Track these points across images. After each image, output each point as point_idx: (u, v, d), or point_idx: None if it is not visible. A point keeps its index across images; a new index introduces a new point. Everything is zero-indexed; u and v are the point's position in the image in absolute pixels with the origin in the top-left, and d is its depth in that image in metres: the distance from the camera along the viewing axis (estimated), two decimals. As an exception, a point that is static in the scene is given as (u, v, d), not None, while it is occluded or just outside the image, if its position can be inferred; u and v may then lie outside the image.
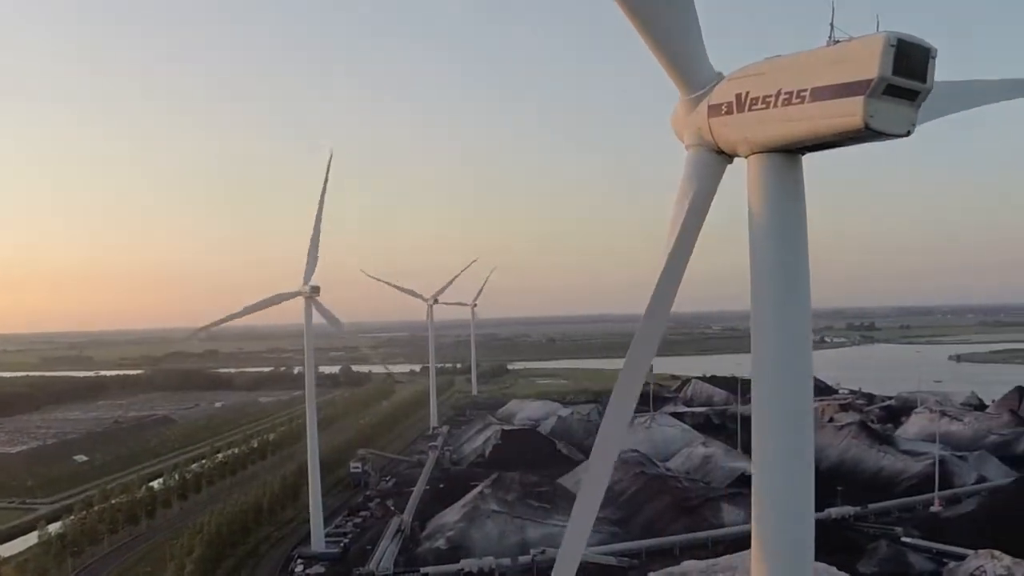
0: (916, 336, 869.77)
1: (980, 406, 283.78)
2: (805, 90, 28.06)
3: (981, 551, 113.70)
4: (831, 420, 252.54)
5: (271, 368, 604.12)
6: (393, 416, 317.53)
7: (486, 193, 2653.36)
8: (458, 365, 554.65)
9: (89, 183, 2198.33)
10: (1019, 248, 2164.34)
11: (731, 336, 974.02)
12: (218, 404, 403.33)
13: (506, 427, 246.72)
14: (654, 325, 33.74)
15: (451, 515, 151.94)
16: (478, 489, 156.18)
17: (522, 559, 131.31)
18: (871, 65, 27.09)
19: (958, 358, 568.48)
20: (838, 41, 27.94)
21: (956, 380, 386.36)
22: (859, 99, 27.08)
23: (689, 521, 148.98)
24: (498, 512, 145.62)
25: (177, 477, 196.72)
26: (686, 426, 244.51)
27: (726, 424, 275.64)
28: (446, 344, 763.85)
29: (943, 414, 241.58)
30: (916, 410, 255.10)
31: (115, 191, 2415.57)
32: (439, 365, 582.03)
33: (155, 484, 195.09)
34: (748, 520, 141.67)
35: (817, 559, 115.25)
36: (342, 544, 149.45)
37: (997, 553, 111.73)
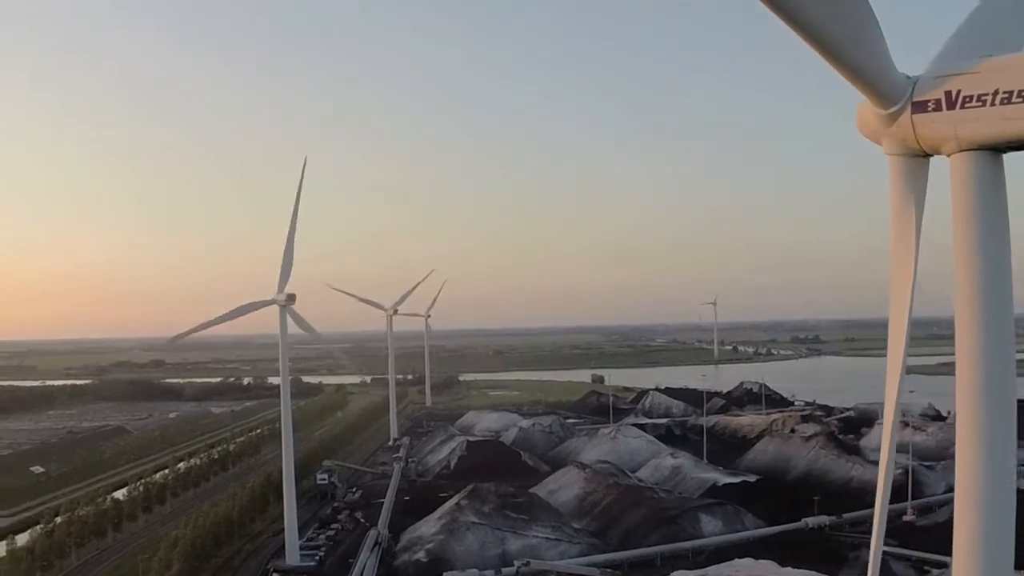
0: (862, 349, 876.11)
1: (938, 417, 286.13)
2: None
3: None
4: (792, 431, 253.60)
5: (219, 379, 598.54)
6: (351, 427, 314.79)
7: (432, 203, 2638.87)
8: (409, 376, 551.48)
9: (9, 187, 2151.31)
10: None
11: (676, 348, 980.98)
12: (172, 414, 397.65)
13: (471, 438, 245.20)
14: (904, 330, 33.70)
15: (427, 527, 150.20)
16: (454, 500, 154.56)
17: (506, 571, 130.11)
18: None
19: (907, 370, 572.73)
20: None
21: (909, 392, 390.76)
22: None
23: (668, 532, 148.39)
24: (477, 524, 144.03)
25: (142, 488, 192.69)
26: (651, 437, 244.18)
27: (687, 435, 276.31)
28: (396, 355, 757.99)
29: (906, 425, 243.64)
30: (879, 421, 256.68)
31: (42, 196, 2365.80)
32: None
33: (119, 495, 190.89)
34: (727, 530, 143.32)
35: (800, 567, 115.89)
36: (317, 557, 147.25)
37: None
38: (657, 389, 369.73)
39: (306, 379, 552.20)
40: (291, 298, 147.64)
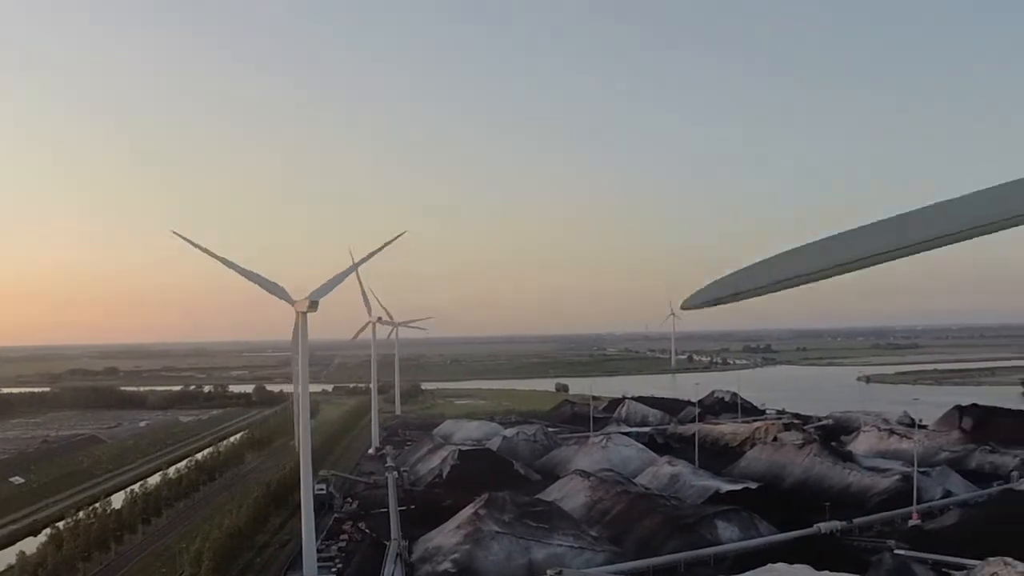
0: (815, 358, 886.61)
1: (912, 425, 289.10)
2: None
3: (992, 559, 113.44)
4: (775, 439, 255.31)
5: (180, 387, 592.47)
6: (330, 436, 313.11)
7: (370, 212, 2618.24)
8: (370, 385, 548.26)
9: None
10: (902, 271, 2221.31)
11: (631, 357, 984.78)
12: (142, 423, 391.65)
13: (463, 447, 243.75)
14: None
15: (445, 537, 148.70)
16: (470, 509, 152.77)
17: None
18: None
19: (867, 379, 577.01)
20: None
21: (878, 401, 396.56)
22: None
23: (686, 539, 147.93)
24: (501, 533, 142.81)
25: (140, 499, 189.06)
26: (640, 445, 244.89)
27: (670, 443, 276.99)
28: (351, 364, 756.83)
29: (891, 432, 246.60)
30: (864, 428, 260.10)
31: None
32: (352, 385, 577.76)
33: (116, 505, 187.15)
34: (743, 537, 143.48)
35: (828, 571, 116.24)
36: (334, 570, 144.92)
37: (1010, 560, 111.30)
38: (630, 397, 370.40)
39: (268, 387, 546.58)
40: (314, 305, 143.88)
